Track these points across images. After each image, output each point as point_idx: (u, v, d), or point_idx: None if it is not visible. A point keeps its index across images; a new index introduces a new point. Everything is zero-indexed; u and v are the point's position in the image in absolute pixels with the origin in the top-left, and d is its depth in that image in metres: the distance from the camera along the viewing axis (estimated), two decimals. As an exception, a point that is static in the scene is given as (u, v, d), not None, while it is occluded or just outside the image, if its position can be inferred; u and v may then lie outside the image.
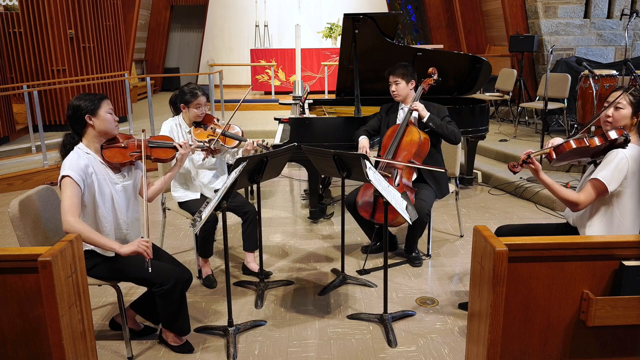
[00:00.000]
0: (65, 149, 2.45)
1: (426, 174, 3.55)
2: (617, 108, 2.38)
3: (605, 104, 2.43)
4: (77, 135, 2.45)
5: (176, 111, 3.42)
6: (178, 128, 3.34)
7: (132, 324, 2.76)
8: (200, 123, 3.36)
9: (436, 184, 3.57)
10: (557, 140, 2.43)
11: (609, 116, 2.40)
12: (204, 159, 3.30)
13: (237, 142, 3.39)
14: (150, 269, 2.33)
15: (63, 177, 2.32)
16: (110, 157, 2.46)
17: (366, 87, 4.87)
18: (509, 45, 7.69)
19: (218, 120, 3.46)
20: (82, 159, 2.37)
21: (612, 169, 2.28)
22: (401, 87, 3.54)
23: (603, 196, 2.34)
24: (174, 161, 2.76)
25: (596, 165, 2.42)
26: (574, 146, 2.31)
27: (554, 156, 2.35)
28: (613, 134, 2.31)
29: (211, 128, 3.37)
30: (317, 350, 2.67)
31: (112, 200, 2.47)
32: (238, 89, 11.76)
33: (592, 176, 2.33)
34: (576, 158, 2.45)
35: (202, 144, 3.02)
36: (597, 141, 2.32)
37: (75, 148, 2.42)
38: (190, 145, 2.83)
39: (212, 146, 3.04)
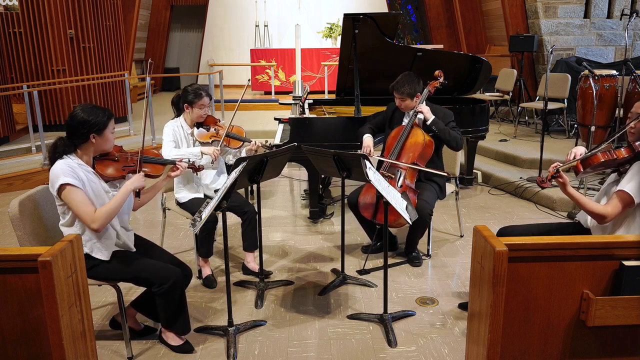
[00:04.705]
0: (56, 154, 2.38)
1: (425, 177, 3.55)
2: None
3: (630, 115, 2.43)
4: (73, 146, 2.40)
5: (178, 112, 3.42)
6: (180, 130, 3.33)
7: (132, 323, 2.76)
8: (202, 124, 3.36)
9: (436, 186, 3.58)
10: (580, 149, 2.43)
11: (632, 127, 2.40)
12: (212, 162, 3.29)
13: (241, 143, 3.38)
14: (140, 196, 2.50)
15: (61, 186, 2.29)
16: (102, 170, 2.46)
17: (366, 87, 4.87)
18: (509, 45, 7.69)
19: (220, 121, 3.46)
20: (71, 165, 2.35)
21: (638, 181, 2.28)
22: (407, 104, 3.53)
23: (629, 208, 2.33)
24: (162, 176, 2.72)
25: (619, 174, 2.42)
26: (602, 160, 2.32)
27: (582, 169, 2.37)
28: None
29: (214, 129, 3.36)
30: (317, 350, 2.67)
31: None
32: (238, 89, 11.76)
33: (618, 188, 2.33)
34: (602, 169, 2.46)
35: (189, 162, 2.85)
36: (624, 152, 2.33)
37: (65, 157, 2.37)
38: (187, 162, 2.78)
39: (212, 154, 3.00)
